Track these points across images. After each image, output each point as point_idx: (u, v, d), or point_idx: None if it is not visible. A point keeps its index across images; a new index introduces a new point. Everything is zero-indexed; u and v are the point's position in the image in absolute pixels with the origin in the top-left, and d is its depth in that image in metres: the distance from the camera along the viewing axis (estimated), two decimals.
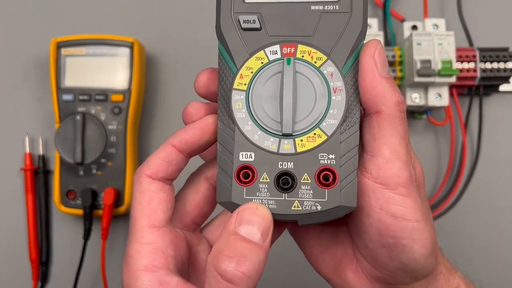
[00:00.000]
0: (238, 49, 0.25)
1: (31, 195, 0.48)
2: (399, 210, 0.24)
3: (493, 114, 0.49)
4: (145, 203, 0.25)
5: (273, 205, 0.24)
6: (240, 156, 0.25)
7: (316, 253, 0.29)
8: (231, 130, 0.25)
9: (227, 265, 0.21)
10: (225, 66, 0.26)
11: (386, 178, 0.24)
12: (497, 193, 0.49)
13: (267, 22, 0.25)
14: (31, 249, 0.48)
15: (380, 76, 0.24)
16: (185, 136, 0.26)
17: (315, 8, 0.25)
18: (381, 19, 0.49)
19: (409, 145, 0.25)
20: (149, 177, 0.25)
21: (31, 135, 0.49)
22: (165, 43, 0.51)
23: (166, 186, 0.26)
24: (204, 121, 0.26)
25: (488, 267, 0.48)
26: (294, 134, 0.24)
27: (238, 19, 0.25)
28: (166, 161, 0.26)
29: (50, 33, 0.48)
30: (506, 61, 0.46)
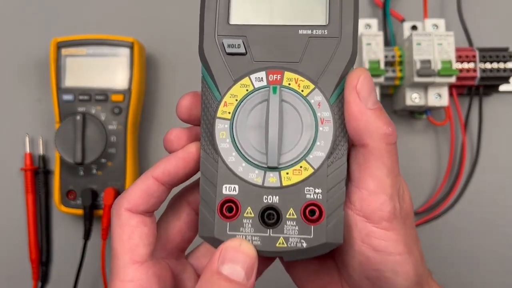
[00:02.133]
0: (222, 74, 0.24)
1: (31, 195, 0.48)
2: (381, 244, 0.23)
3: (492, 114, 0.49)
4: (126, 238, 0.24)
5: (258, 242, 0.23)
6: (223, 188, 0.23)
7: (302, 278, 0.28)
8: (214, 161, 0.24)
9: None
10: (209, 92, 0.24)
11: (369, 211, 0.23)
12: (496, 193, 0.49)
13: (252, 46, 0.24)
14: (31, 249, 0.48)
15: (363, 109, 0.23)
16: (168, 167, 0.24)
17: (303, 32, 0.24)
18: (381, 19, 0.49)
19: (397, 176, 0.24)
20: (129, 210, 0.24)
21: (31, 135, 0.49)
22: (165, 43, 0.51)
23: (147, 218, 0.25)
24: (187, 150, 0.25)
25: (488, 267, 0.48)
26: (279, 167, 0.23)
27: (222, 42, 0.24)
28: (146, 194, 0.24)
29: (51, 33, 0.48)
30: (506, 61, 0.46)
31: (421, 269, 0.25)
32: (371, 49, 0.43)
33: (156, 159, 0.50)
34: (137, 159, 0.48)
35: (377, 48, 0.44)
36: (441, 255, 0.48)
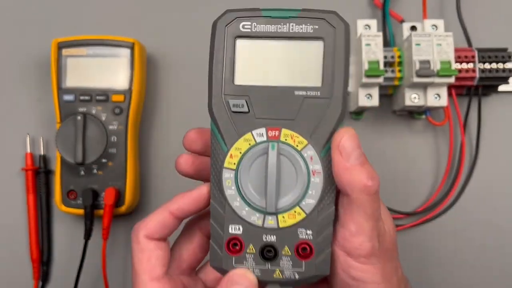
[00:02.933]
0: (228, 130, 0.28)
1: (32, 195, 0.48)
2: (359, 275, 0.27)
3: (492, 114, 0.49)
4: (145, 261, 0.29)
5: (258, 273, 0.27)
6: (230, 228, 0.28)
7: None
8: (222, 204, 0.28)
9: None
10: (217, 144, 0.28)
11: (349, 248, 0.27)
12: (495, 193, 0.49)
13: (254, 105, 0.27)
14: (32, 249, 0.48)
15: (345, 166, 0.26)
16: (182, 206, 0.29)
17: (298, 93, 0.27)
18: (380, 20, 0.49)
19: (378, 221, 0.27)
20: (146, 237, 0.29)
21: (32, 135, 0.50)
22: (166, 43, 0.51)
23: (162, 243, 0.29)
24: (199, 191, 0.29)
25: (487, 267, 0.48)
26: (277, 212, 0.27)
27: (228, 102, 0.28)
28: (162, 225, 0.29)
29: (51, 33, 0.49)
30: (505, 61, 0.46)
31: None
32: (371, 49, 0.44)
33: (157, 159, 0.50)
34: (138, 159, 0.48)
35: (376, 49, 0.44)
36: (440, 255, 0.48)
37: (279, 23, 0.27)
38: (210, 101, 0.28)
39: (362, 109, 0.47)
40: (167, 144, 0.50)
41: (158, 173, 0.50)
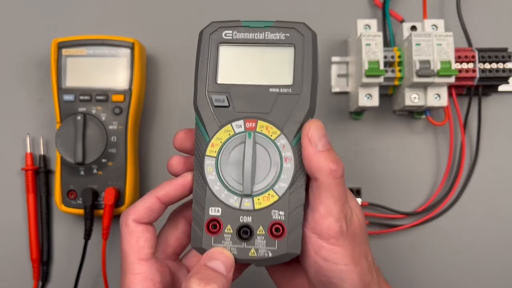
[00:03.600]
0: (210, 122, 0.31)
1: (32, 195, 0.48)
2: (329, 255, 0.29)
3: (492, 114, 0.49)
4: (133, 242, 0.31)
5: (235, 251, 0.30)
6: (210, 210, 0.30)
7: (282, 281, 0.34)
8: (203, 188, 0.31)
9: (197, 284, 0.27)
10: (200, 135, 0.31)
11: (319, 230, 0.29)
12: (496, 192, 0.49)
13: (234, 100, 0.31)
14: (32, 248, 0.48)
15: (314, 151, 0.29)
16: (168, 191, 0.31)
17: (272, 90, 0.31)
18: (380, 20, 0.49)
19: (344, 203, 0.30)
20: (135, 221, 0.31)
21: (32, 135, 0.50)
22: (166, 43, 0.51)
23: (149, 227, 0.31)
24: (185, 178, 0.31)
25: (487, 267, 0.48)
26: (252, 195, 0.30)
27: (211, 98, 0.31)
28: (150, 210, 0.31)
29: (51, 33, 0.49)
30: (505, 61, 0.46)
31: (368, 277, 0.31)
32: (371, 49, 0.44)
33: (156, 159, 0.50)
34: (138, 159, 0.48)
35: (376, 49, 0.44)
36: (440, 255, 0.48)
37: (256, 32, 0.31)
38: (196, 98, 0.31)
39: (362, 109, 0.47)
40: (167, 144, 0.50)
41: (158, 173, 0.50)
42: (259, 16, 0.46)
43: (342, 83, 0.50)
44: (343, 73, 0.50)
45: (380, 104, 0.45)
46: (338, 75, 0.50)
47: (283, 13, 0.51)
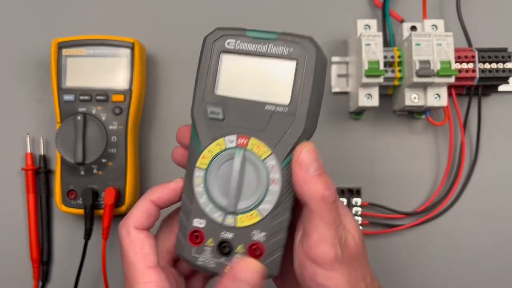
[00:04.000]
0: (204, 133, 0.31)
1: (32, 195, 0.48)
2: (324, 281, 0.29)
3: (492, 114, 0.50)
4: (138, 250, 0.30)
5: (213, 265, 0.30)
6: (194, 221, 0.31)
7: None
8: (190, 199, 0.31)
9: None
10: (193, 145, 0.31)
11: (314, 256, 0.29)
12: (495, 192, 0.49)
13: (230, 114, 0.30)
14: (32, 248, 0.48)
15: (304, 177, 0.28)
16: (161, 195, 0.31)
17: (268, 108, 0.30)
18: (380, 20, 0.49)
19: (337, 228, 0.29)
20: (136, 228, 0.30)
21: (32, 135, 0.50)
22: (166, 43, 0.51)
23: (150, 233, 0.31)
24: (176, 183, 0.32)
25: (487, 267, 0.48)
26: (236, 212, 0.30)
27: (208, 108, 0.31)
28: (147, 214, 0.31)
29: (51, 33, 0.49)
30: (505, 61, 0.46)
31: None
32: (371, 49, 0.44)
33: (156, 158, 0.50)
34: (138, 159, 0.48)
35: (376, 49, 0.44)
36: (440, 255, 0.48)
37: (259, 43, 0.30)
38: (192, 107, 0.31)
39: (362, 109, 0.47)
40: (167, 144, 0.50)
41: (158, 172, 0.50)
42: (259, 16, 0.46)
43: (342, 83, 0.50)
44: (343, 73, 0.50)
45: (380, 104, 0.45)
46: (338, 75, 0.50)
47: (283, 13, 0.51)
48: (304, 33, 0.31)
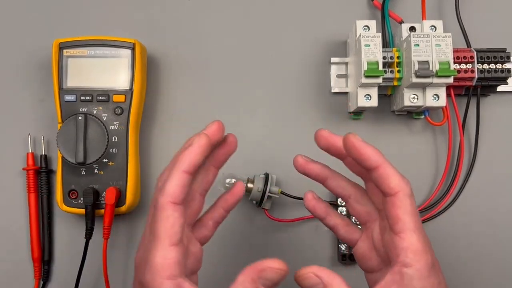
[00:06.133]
0: None
1: (34, 194, 0.48)
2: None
3: (490, 114, 0.50)
4: (169, 227, 0.30)
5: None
6: None
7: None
8: None
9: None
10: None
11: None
12: (494, 192, 0.49)
13: None
14: (33, 248, 0.48)
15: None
16: (193, 161, 0.31)
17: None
18: (379, 21, 0.49)
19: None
20: (173, 203, 0.30)
21: (33, 135, 0.50)
22: (166, 44, 0.51)
23: (183, 210, 0.31)
24: (199, 141, 0.31)
25: (486, 266, 0.48)
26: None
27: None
28: (182, 186, 0.31)
29: (52, 34, 0.49)
30: (504, 62, 0.46)
31: None
32: (370, 50, 0.44)
33: (157, 158, 0.50)
34: (139, 158, 0.49)
35: (375, 49, 0.44)
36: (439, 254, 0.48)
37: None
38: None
39: (361, 109, 0.47)
40: (167, 144, 0.50)
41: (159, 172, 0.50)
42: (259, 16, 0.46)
43: (341, 84, 0.50)
44: (343, 74, 0.50)
45: (379, 105, 0.45)
46: (338, 76, 0.50)
47: (283, 14, 0.51)
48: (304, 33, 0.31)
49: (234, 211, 0.49)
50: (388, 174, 0.31)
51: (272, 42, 0.51)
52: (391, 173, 0.31)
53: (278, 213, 0.49)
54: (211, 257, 0.49)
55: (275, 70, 0.51)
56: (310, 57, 0.51)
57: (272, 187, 0.47)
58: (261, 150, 0.50)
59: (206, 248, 0.40)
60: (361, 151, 0.31)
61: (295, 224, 0.49)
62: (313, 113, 0.50)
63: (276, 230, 0.49)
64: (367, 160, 0.31)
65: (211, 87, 0.51)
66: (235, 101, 0.50)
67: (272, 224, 0.49)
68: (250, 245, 0.49)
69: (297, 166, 0.36)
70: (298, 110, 0.50)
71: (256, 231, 0.49)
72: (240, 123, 0.50)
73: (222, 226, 0.37)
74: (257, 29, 0.51)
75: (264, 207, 0.48)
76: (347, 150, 0.31)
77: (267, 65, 0.51)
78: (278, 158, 0.49)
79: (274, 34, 0.51)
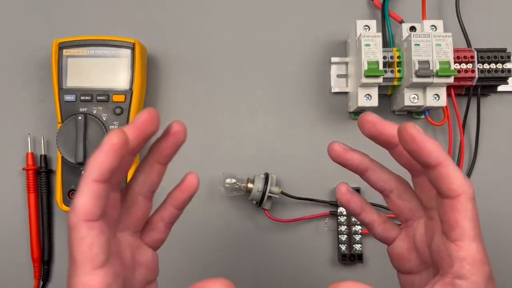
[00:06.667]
0: None
1: (33, 194, 0.48)
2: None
3: (491, 114, 0.50)
4: (86, 249, 0.25)
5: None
6: None
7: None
8: None
9: None
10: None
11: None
12: (494, 192, 0.49)
13: None
14: (33, 248, 0.48)
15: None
16: (104, 166, 0.25)
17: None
18: (379, 21, 0.49)
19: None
20: (87, 221, 0.25)
21: (33, 135, 0.50)
22: (166, 44, 0.51)
23: (103, 226, 0.25)
24: (110, 140, 0.25)
25: None
26: None
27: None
28: (95, 198, 0.25)
29: (52, 34, 0.49)
30: (504, 61, 0.46)
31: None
32: (370, 50, 0.44)
33: None
34: (138, 159, 0.49)
35: (376, 49, 0.44)
36: None
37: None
38: None
39: (362, 109, 0.47)
40: None
41: None
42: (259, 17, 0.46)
43: (341, 84, 0.50)
44: (343, 74, 0.50)
45: (380, 104, 0.45)
46: (338, 76, 0.50)
47: (283, 14, 0.51)
48: (304, 33, 0.31)
49: (234, 211, 0.49)
50: (450, 174, 0.27)
51: (272, 42, 0.51)
52: (454, 173, 0.27)
53: (278, 213, 0.49)
54: (211, 257, 0.49)
55: (275, 70, 0.51)
56: (310, 57, 0.51)
57: (272, 187, 0.47)
58: (261, 150, 0.50)
59: (206, 248, 0.40)
60: (422, 146, 0.27)
61: (295, 224, 0.49)
62: (313, 113, 0.50)
63: (276, 230, 0.49)
64: (428, 156, 0.27)
65: (211, 87, 0.50)
66: (235, 101, 0.50)
67: (272, 224, 0.49)
68: (250, 246, 0.49)
69: (334, 155, 0.32)
70: (298, 110, 0.50)
71: (256, 231, 0.49)
72: (240, 123, 0.50)
73: (222, 226, 0.37)
74: (257, 29, 0.51)
75: (264, 207, 0.48)
76: (404, 143, 0.27)
77: (267, 65, 0.51)
78: (278, 158, 0.49)
79: (274, 34, 0.51)
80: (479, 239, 0.27)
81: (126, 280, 0.28)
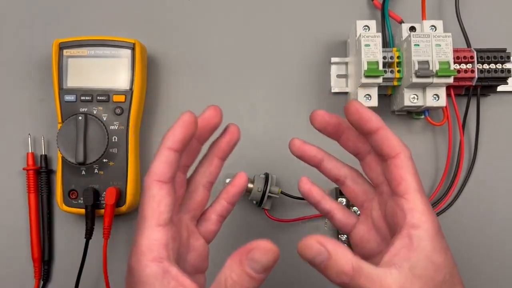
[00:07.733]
0: None
1: (34, 194, 0.48)
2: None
3: (490, 114, 0.50)
4: (155, 206, 0.29)
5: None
6: None
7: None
8: None
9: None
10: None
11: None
12: (494, 192, 0.49)
13: None
14: (34, 248, 0.48)
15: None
16: (176, 137, 0.30)
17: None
18: (379, 21, 0.49)
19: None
20: (159, 181, 0.29)
21: (33, 135, 0.50)
22: (166, 44, 0.51)
23: (171, 190, 0.30)
24: (184, 117, 0.30)
25: (486, 266, 0.48)
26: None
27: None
28: (168, 163, 0.30)
29: (52, 34, 0.49)
30: (504, 62, 0.46)
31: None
32: (370, 50, 0.44)
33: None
34: (139, 159, 0.49)
35: (375, 49, 0.44)
36: None
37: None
38: None
39: None
40: None
41: None
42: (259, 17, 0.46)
43: (341, 84, 0.50)
44: (343, 74, 0.50)
45: (379, 105, 0.45)
46: (338, 76, 0.50)
47: (283, 14, 0.51)
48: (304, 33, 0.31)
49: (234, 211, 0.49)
50: (389, 136, 0.32)
51: (272, 42, 0.51)
52: (392, 135, 0.32)
53: (278, 213, 0.49)
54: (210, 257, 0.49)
55: (275, 70, 0.51)
56: (310, 57, 0.51)
57: (272, 187, 0.47)
58: (261, 150, 0.50)
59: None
60: (364, 114, 0.31)
61: (295, 224, 0.49)
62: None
63: (276, 230, 0.49)
64: (369, 121, 0.31)
65: (211, 87, 0.51)
66: (235, 101, 0.50)
67: (272, 224, 0.49)
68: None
69: (294, 148, 0.36)
70: (298, 110, 0.50)
71: (256, 231, 0.49)
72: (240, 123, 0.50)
73: (222, 226, 0.37)
74: (257, 29, 0.51)
75: (264, 207, 0.48)
76: (349, 115, 0.32)
77: (267, 65, 0.51)
78: (278, 158, 0.49)
79: (274, 34, 0.51)
80: (422, 191, 0.31)
81: (180, 257, 0.32)
